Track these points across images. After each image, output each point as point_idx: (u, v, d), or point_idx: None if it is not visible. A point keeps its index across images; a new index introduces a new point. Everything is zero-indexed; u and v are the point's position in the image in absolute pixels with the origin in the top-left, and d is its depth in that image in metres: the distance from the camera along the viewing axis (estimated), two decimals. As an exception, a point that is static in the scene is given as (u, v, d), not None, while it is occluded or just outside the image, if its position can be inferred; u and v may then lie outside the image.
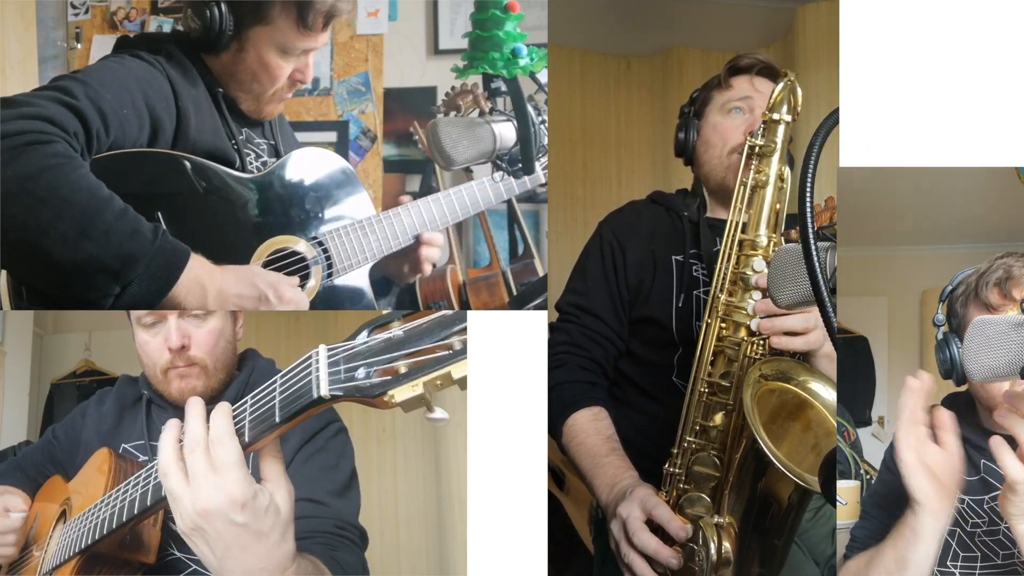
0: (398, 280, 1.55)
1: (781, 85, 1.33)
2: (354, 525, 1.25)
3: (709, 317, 1.34)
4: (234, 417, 0.89)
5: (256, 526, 0.83)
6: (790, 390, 1.25)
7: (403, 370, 0.78)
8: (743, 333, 1.31)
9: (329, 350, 0.83)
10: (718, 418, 1.28)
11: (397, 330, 0.81)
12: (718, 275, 1.34)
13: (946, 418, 1.03)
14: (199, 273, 1.19)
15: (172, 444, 0.86)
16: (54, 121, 1.14)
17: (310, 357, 0.84)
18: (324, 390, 0.81)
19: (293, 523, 0.88)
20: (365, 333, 0.83)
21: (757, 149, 1.34)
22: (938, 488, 1.01)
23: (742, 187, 1.35)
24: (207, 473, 0.82)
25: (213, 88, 1.38)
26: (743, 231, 1.34)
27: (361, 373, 0.80)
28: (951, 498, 1.02)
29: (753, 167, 1.34)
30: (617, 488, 1.30)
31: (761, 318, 1.29)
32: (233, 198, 1.34)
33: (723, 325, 1.32)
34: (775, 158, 1.33)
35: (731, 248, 1.34)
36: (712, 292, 1.35)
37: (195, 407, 0.87)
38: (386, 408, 0.79)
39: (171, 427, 0.87)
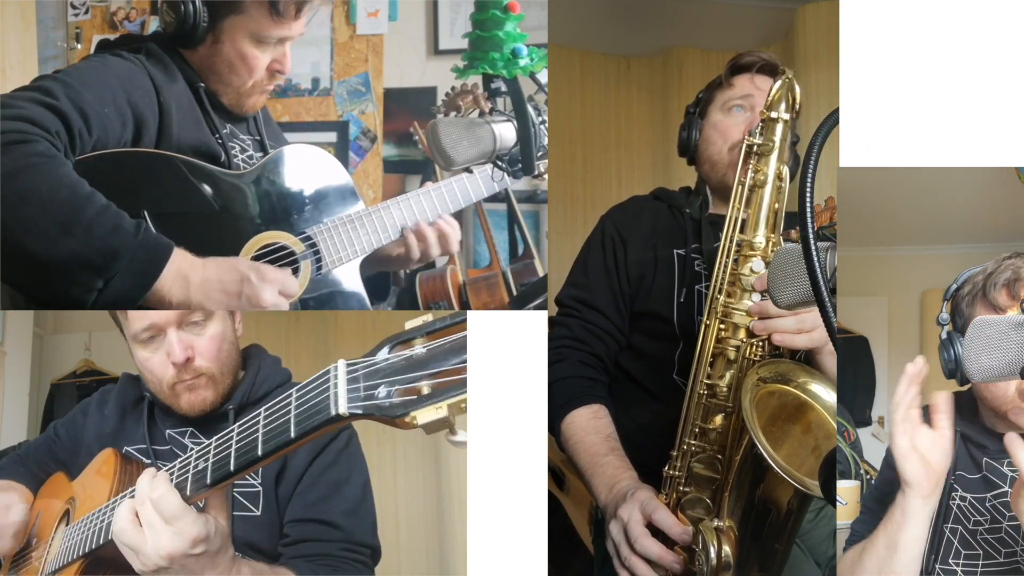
0: (397, 266, 1.55)
1: (779, 83, 1.32)
2: (365, 544, 1.24)
3: (708, 318, 1.33)
4: (247, 428, 0.91)
5: (211, 550, 0.96)
6: (790, 392, 1.25)
7: (426, 391, 0.76)
8: (742, 334, 1.30)
9: (348, 365, 0.80)
10: (717, 420, 1.28)
11: (419, 348, 0.78)
12: (716, 275, 1.34)
13: (942, 401, 1.06)
14: (182, 266, 1.18)
15: (129, 506, 0.98)
16: (35, 121, 1.14)
17: (328, 372, 0.82)
18: (343, 407, 0.79)
19: (231, 533, 1.00)
20: (386, 349, 0.80)
21: (755, 148, 1.33)
22: (928, 470, 1.03)
23: (740, 186, 1.34)
24: (159, 523, 0.94)
25: (194, 83, 1.38)
26: (741, 230, 1.34)
27: (382, 391, 0.77)
28: (940, 479, 1.05)
29: (751, 166, 1.33)
30: (616, 489, 1.29)
31: (757, 319, 1.29)
32: (221, 195, 1.33)
33: (722, 326, 1.31)
34: (773, 157, 1.32)
35: (729, 248, 1.33)
36: (711, 293, 1.34)
37: (147, 474, 0.99)
38: (407, 428, 0.77)
39: (128, 501, 0.99)
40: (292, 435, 0.83)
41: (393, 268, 1.58)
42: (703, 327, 1.33)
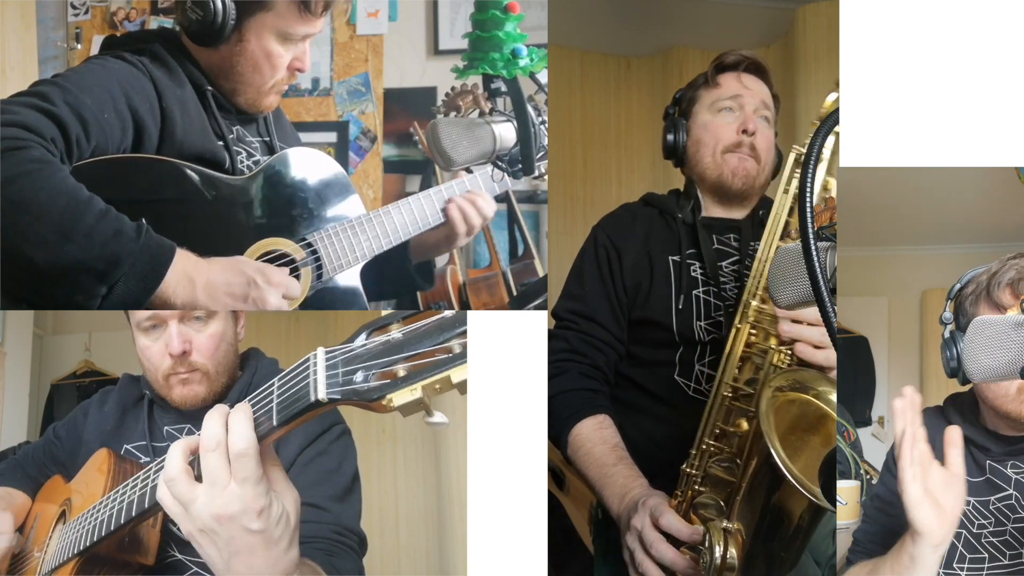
0: (444, 249, 1.56)
1: (834, 96, 1.30)
2: (353, 531, 1.24)
3: (740, 322, 1.32)
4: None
5: (269, 533, 0.83)
6: (811, 402, 1.24)
7: (402, 373, 0.78)
8: (772, 341, 1.30)
9: (327, 353, 0.82)
10: (738, 424, 1.28)
11: (396, 333, 0.80)
12: (752, 280, 1.33)
13: (954, 435, 0.99)
14: (186, 267, 1.18)
15: (182, 451, 0.85)
16: (30, 128, 1.13)
17: (308, 360, 0.83)
18: (322, 393, 0.80)
19: (298, 530, 0.89)
20: (364, 335, 0.82)
21: (801, 157, 1.31)
22: (941, 517, 0.97)
23: (784, 194, 1.33)
24: (225, 479, 0.82)
25: (202, 87, 1.36)
26: (782, 238, 1.32)
27: (359, 376, 0.79)
28: (953, 525, 0.98)
29: (798, 174, 1.31)
30: (628, 498, 1.28)
31: (786, 323, 1.28)
32: (221, 202, 1.33)
33: (753, 331, 1.31)
34: (822, 167, 1.29)
35: (769, 254, 1.32)
36: (744, 297, 1.33)
37: (219, 410, 0.85)
38: (384, 412, 0.78)
39: (183, 441, 0.87)
40: (275, 423, 0.84)
41: (439, 253, 1.59)
42: (734, 331, 1.33)
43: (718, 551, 1.17)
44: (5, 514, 1.27)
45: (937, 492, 0.97)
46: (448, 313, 0.79)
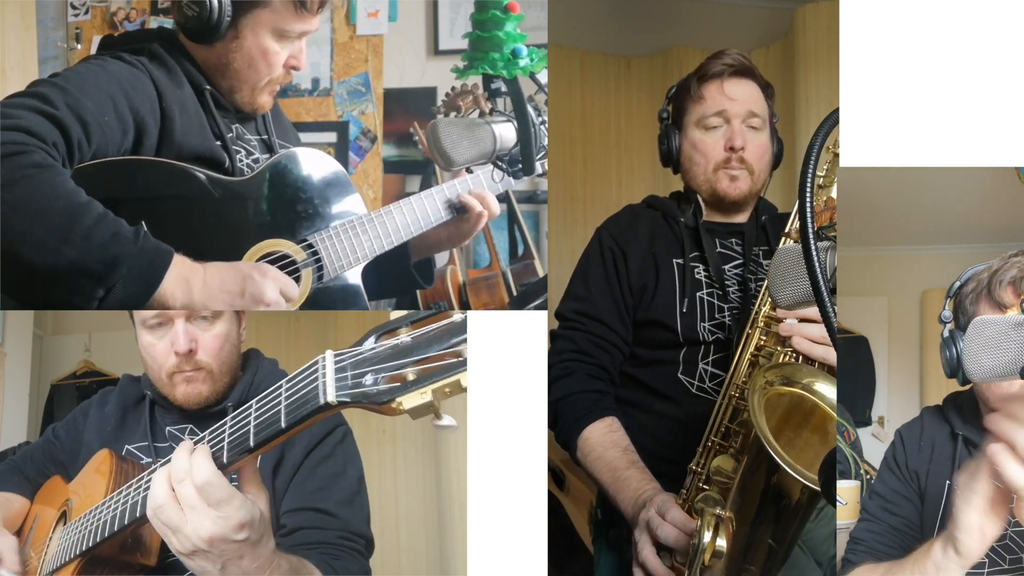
0: (447, 246, 1.57)
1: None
2: (360, 535, 1.25)
3: (750, 328, 1.35)
4: (239, 420, 0.91)
5: (253, 537, 0.91)
6: (803, 396, 1.26)
7: (411, 377, 0.78)
8: (780, 345, 1.33)
9: (336, 356, 0.83)
10: (743, 430, 1.29)
11: (405, 336, 0.81)
12: (766, 287, 1.34)
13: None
14: (183, 271, 1.18)
15: (165, 479, 0.91)
16: (31, 132, 1.13)
17: (316, 362, 0.84)
18: (331, 396, 0.81)
19: (272, 523, 0.96)
20: (372, 339, 0.83)
21: (820, 181, 1.30)
22: (984, 544, 0.96)
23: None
24: (202, 506, 0.88)
25: (200, 86, 1.36)
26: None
27: (368, 379, 0.80)
28: (989, 547, 0.97)
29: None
30: (641, 501, 1.31)
31: (786, 320, 1.31)
32: (221, 203, 1.33)
33: (763, 337, 1.34)
34: (833, 189, 1.30)
35: None
36: (757, 305, 1.36)
37: (184, 446, 0.93)
38: (393, 415, 0.79)
39: (165, 468, 0.92)
40: (283, 425, 0.85)
41: (441, 250, 1.60)
42: (744, 335, 1.35)
43: (707, 535, 1.20)
44: (5, 537, 1.26)
45: (986, 519, 0.96)
46: (457, 318, 0.80)
